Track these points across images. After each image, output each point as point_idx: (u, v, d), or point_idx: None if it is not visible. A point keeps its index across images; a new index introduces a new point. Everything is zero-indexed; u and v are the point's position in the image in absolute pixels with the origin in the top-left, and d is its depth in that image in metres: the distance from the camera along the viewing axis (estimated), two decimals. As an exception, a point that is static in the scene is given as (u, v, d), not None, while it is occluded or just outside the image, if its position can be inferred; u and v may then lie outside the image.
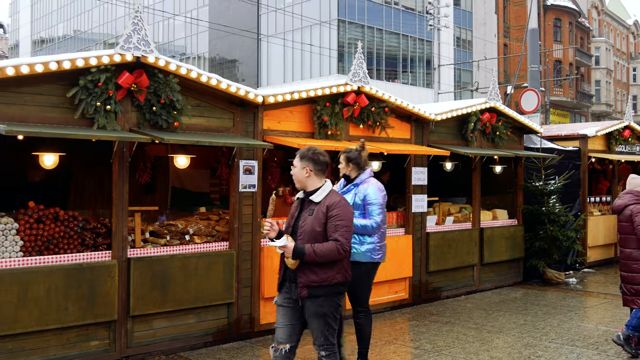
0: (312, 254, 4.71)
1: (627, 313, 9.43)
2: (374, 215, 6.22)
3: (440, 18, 34.71)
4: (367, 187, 6.27)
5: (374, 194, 6.25)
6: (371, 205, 6.23)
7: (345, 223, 4.81)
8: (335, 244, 4.73)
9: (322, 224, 4.82)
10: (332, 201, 4.87)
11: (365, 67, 8.92)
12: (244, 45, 47.15)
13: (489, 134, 11.09)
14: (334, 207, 4.84)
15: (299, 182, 5.02)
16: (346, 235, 4.79)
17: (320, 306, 4.82)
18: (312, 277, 4.79)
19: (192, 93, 7.33)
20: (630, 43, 74.35)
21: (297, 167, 4.99)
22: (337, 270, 4.86)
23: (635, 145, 15.25)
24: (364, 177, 6.35)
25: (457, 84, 47.94)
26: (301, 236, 4.86)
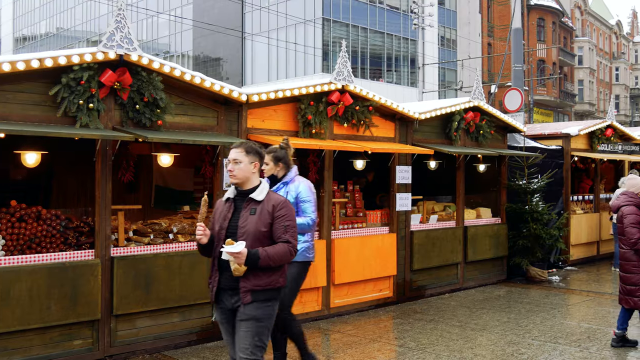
0: (267, 259, 4.38)
1: (608, 310, 9.53)
2: (308, 213, 6.09)
3: (425, 17, 34.79)
4: (298, 185, 6.14)
5: (306, 192, 6.13)
6: (305, 203, 6.10)
7: (293, 223, 4.56)
8: (287, 246, 4.47)
9: (268, 225, 4.49)
10: (278, 200, 4.58)
11: (349, 66, 8.93)
12: (228, 43, 47.05)
13: (473, 132, 11.14)
14: (281, 206, 4.54)
15: (243, 178, 4.58)
16: (295, 236, 4.56)
17: (256, 309, 4.44)
18: (256, 282, 4.43)
19: (176, 91, 7.31)
20: (613, 43, 74.94)
21: (243, 162, 4.56)
22: (280, 273, 4.57)
23: (617, 144, 15.39)
24: (292, 176, 6.20)
25: (442, 83, 48.13)
26: (242, 237, 4.46)
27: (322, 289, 8.82)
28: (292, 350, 6.54)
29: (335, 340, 7.92)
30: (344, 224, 9.37)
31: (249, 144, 4.70)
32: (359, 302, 9.38)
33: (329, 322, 8.73)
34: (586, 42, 64.40)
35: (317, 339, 7.93)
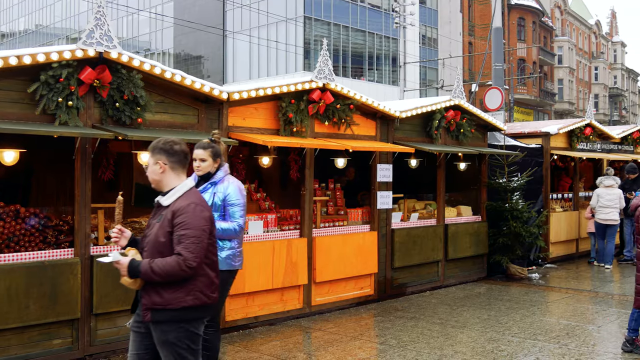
0: (149, 272, 3.87)
1: (587, 307, 9.63)
2: (236, 218, 5.65)
3: (406, 16, 34.87)
4: (227, 186, 5.67)
5: (235, 194, 5.67)
6: (233, 207, 5.64)
7: (192, 233, 3.92)
8: (176, 260, 3.86)
9: (167, 234, 3.97)
10: (179, 206, 3.99)
11: (330, 64, 8.93)
12: (209, 41, 46.89)
13: (454, 131, 11.20)
14: (180, 212, 3.96)
15: (154, 181, 4.17)
16: (193, 248, 3.89)
17: (164, 332, 3.96)
18: (155, 299, 3.94)
19: (156, 89, 7.27)
20: (592, 43, 75.62)
21: (149, 163, 4.14)
22: (187, 291, 3.97)
23: (596, 143, 15.54)
24: (221, 175, 5.71)
25: (423, 82, 48.29)
26: (146, 248, 4.04)
27: (304, 287, 8.83)
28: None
29: (316, 338, 7.93)
30: (325, 222, 9.38)
31: (156, 140, 4.20)
32: (340, 300, 9.40)
33: (311, 320, 8.74)
34: (566, 42, 64.96)
35: (298, 337, 7.94)
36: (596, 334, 8.02)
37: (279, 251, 8.41)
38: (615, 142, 16.42)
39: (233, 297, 7.97)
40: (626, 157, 15.99)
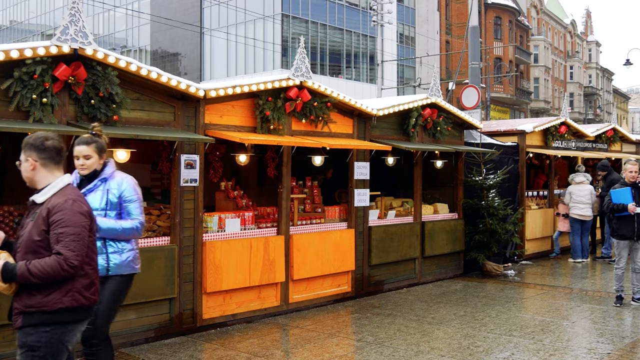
0: (26, 274, 3.63)
1: (562, 303, 9.74)
2: (136, 215, 5.20)
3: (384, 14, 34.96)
4: (120, 182, 5.20)
5: (131, 190, 5.22)
6: (130, 203, 5.18)
7: (71, 230, 3.71)
8: (56, 259, 3.64)
9: (42, 232, 3.74)
10: (55, 202, 3.78)
11: (307, 62, 8.93)
12: (186, 38, 46.66)
13: (430, 129, 11.25)
14: (57, 210, 3.75)
15: (27, 179, 3.97)
16: (73, 246, 3.69)
17: (28, 335, 3.74)
18: (28, 301, 3.71)
19: (132, 86, 7.22)
20: (568, 42, 76.36)
21: (21, 160, 3.95)
22: (65, 291, 3.75)
23: (571, 141, 15.71)
24: (110, 171, 5.22)
25: (400, 80, 48.46)
26: (19, 249, 3.81)
27: (281, 284, 8.83)
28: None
29: (294, 335, 7.93)
30: (302, 219, 9.39)
31: (28, 136, 3.96)
32: (317, 298, 9.42)
33: (288, 317, 8.75)
34: (542, 41, 65.54)
35: (275, 335, 7.94)
36: (570, 329, 8.11)
37: (256, 249, 8.41)
38: (590, 140, 16.62)
39: (210, 295, 7.96)
40: (600, 155, 16.19)
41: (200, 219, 7.85)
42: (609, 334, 7.86)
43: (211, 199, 9.26)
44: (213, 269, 7.91)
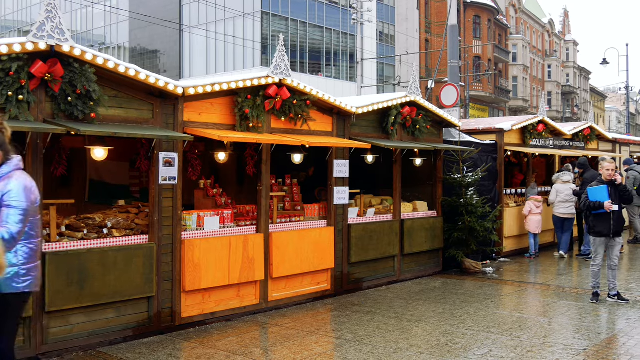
0: None
1: (539, 300, 9.82)
2: (9, 223, 4.44)
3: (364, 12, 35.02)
4: (8, 182, 4.56)
5: (17, 194, 4.53)
6: (10, 209, 4.48)
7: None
8: None
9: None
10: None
11: (287, 60, 8.92)
12: (165, 35, 46.41)
13: (410, 127, 11.29)
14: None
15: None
16: None
17: None
18: None
19: (110, 84, 7.17)
20: (546, 41, 76.98)
21: None
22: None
23: (549, 139, 15.85)
24: (8, 170, 4.64)
25: (380, 78, 48.57)
26: None
27: (260, 282, 8.82)
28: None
29: (273, 333, 7.93)
30: (282, 217, 9.38)
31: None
32: (297, 295, 9.42)
33: (267, 315, 8.74)
34: (520, 40, 66.01)
35: (255, 333, 7.93)
36: (547, 326, 8.18)
37: (235, 247, 8.39)
38: (567, 139, 16.77)
39: (189, 294, 7.94)
40: (577, 153, 16.34)
41: (179, 217, 7.82)
42: (585, 330, 7.94)
43: (190, 197, 9.23)
44: (192, 268, 7.89)
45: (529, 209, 13.98)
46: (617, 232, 9.31)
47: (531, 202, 14.02)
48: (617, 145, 20.37)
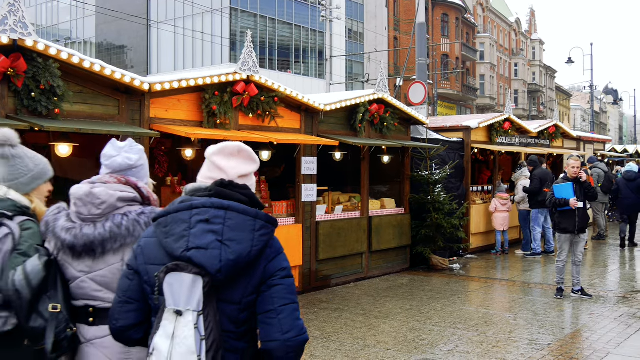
0: None
1: (505, 296, 9.93)
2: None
3: (332, 9, 35.02)
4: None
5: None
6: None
7: None
8: None
9: None
10: None
11: (254, 56, 8.89)
12: (133, 31, 45.90)
13: (377, 124, 11.33)
14: None
15: None
16: None
17: None
18: None
19: (75, 79, 7.07)
20: (513, 40, 77.81)
21: None
22: None
23: (515, 137, 16.03)
24: None
25: (349, 75, 48.65)
26: None
27: (228, 280, 8.77)
28: None
29: None
30: (249, 215, 9.32)
31: None
32: (264, 293, 9.38)
33: None
34: (487, 38, 66.63)
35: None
36: (513, 321, 8.28)
37: (202, 244, 8.32)
38: (533, 137, 16.98)
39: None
40: (543, 150, 16.57)
41: (145, 215, 7.73)
42: (549, 325, 8.05)
43: (157, 194, 9.14)
44: (158, 265, 7.81)
45: (495, 206, 14.13)
46: (582, 228, 9.46)
47: (496, 199, 14.17)
48: (581, 143, 20.70)
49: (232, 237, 2.37)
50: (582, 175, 9.46)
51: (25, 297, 2.71)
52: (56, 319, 2.73)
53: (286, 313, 2.39)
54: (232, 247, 2.35)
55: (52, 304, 2.74)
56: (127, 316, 2.51)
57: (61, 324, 2.73)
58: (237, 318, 2.40)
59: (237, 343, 2.41)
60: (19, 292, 2.70)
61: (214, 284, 2.33)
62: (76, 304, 2.85)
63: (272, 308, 2.39)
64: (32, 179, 3.25)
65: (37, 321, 2.73)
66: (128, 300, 2.51)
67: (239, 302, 2.39)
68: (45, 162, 3.35)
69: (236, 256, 2.35)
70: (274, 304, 2.39)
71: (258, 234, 2.42)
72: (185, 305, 2.31)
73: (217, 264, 2.32)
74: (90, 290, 2.82)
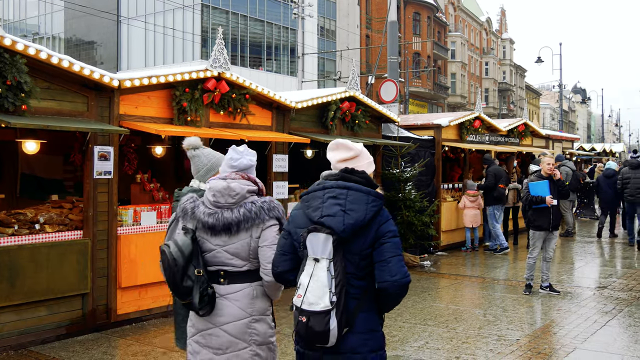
0: None
1: (475, 292, 10.02)
2: None
3: (305, 7, 34.99)
4: None
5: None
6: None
7: None
8: None
9: None
10: None
11: (225, 53, 8.84)
12: (102, 26, 45.35)
13: (349, 122, 11.35)
14: None
15: None
16: None
17: None
18: None
19: (43, 75, 6.98)
20: (483, 39, 78.46)
21: None
22: None
23: (485, 135, 16.17)
24: None
25: (321, 73, 48.64)
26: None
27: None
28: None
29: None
30: (220, 212, 9.29)
31: None
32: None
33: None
34: (459, 37, 67.13)
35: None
36: (482, 317, 8.36)
37: (173, 242, 8.27)
38: (503, 135, 17.15)
39: (125, 290, 7.80)
40: (512, 148, 16.74)
41: (114, 212, 7.67)
42: (518, 321, 8.15)
43: (127, 192, 9.06)
44: (128, 263, 7.75)
45: (464, 203, 14.26)
46: (555, 225, 9.59)
47: (465, 196, 14.30)
48: (550, 142, 20.96)
49: (351, 208, 3.29)
50: (556, 173, 9.58)
51: (180, 264, 3.58)
52: (200, 280, 3.60)
53: (394, 262, 3.26)
54: (351, 215, 3.28)
55: (197, 270, 3.61)
56: (284, 264, 3.46)
57: (204, 284, 3.61)
58: (357, 264, 3.30)
59: (359, 282, 3.32)
60: (175, 260, 3.59)
61: (340, 240, 3.25)
62: (210, 269, 3.70)
63: (383, 259, 3.27)
64: (207, 171, 4.44)
65: (187, 282, 3.61)
66: (284, 253, 3.47)
67: (359, 253, 3.29)
68: (216, 157, 4.52)
69: (354, 221, 3.27)
70: (385, 256, 3.27)
71: (370, 205, 3.32)
72: (320, 254, 3.25)
73: (342, 226, 3.25)
74: (224, 259, 3.68)
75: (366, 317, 3.34)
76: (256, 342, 3.74)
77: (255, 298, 3.75)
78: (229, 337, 3.67)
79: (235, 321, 3.68)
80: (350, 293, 3.28)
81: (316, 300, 3.20)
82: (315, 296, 3.21)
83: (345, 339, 3.28)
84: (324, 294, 3.19)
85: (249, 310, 3.71)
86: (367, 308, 3.34)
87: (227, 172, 3.84)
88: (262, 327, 3.77)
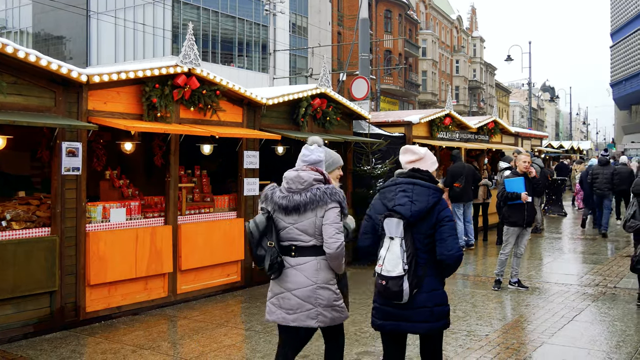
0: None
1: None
2: None
3: (276, 3, 34.93)
4: None
5: None
6: None
7: None
8: None
9: None
10: None
11: (196, 49, 8.79)
12: (72, 21, 44.76)
13: (320, 119, 11.36)
14: None
15: None
16: None
17: None
18: None
19: (9, 70, 6.87)
20: (454, 37, 78.98)
21: None
22: None
23: (455, 132, 16.29)
24: None
25: (293, 70, 48.59)
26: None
27: (169, 275, 8.69)
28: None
29: (182, 326, 7.83)
30: (190, 209, 9.26)
31: None
32: (206, 288, 9.33)
33: (176, 308, 8.62)
34: (429, 35, 67.47)
35: (163, 326, 7.80)
36: (452, 313, 8.39)
37: (142, 239, 8.22)
38: (473, 132, 17.29)
39: (94, 287, 7.73)
40: (482, 146, 16.90)
41: (83, 209, 7.59)
42: (487, 316, 8.23)
43: (96, 189, 8.97)
44: (97, 260, 7.68)
45: None
46: (529, 222, 9.70)
47: None
48: (519, 139, 21.20)
49: (417, 199, 4.36)
50: (531, 171, 9.69)
51: (255, 236, 4.56)
52: (270, 250, 4.53)
53: (450, 240, 4.31)
54: (417, 204, 4.35)
55: (269, 241, 4.54)
56: (365, 241, 4.53)
57: (274, 254, 4.52)
58: (423, 242, 4.36)
59: (424, 255, 4.36)
60: (252, 233, 4.57)
61: (409, 224, 4.32)
62: (283, 244, 4.61)
63: (442, 237, 4.32)
64: (328, 166, 4.98)
65: (260, 251, 4.57)
66: (366, 232, 4.53)
67: (424, 233, 4.35)
68: (334, 156, 5.11)
69: (419, 208, 4.34)
70: (443, 235, 4.32)
71: (431, 197, 4.38)
72: (394, 234, 4.31)
73: (409, 213, 4.33)
74: (295, 235, 4.57)
75: (430, 281, 4.37)
76: (321, 305, 4.54)
77: (320, 270, 4.55)
78: (298, 300, 4.54)
79: (302, 288, 4.53)
80: (418, 263, 4.30)
81: (392, 268, 4.24)
82: (392, 265, 4.24)
83: (415, 297, 4.31)
84: (397, 264, 4.23)
85: (314, 279, 4.53)
86: (431, 273, 4.37)
87: (300, 165, 4.73)
88: (326, 293, 4.56)
